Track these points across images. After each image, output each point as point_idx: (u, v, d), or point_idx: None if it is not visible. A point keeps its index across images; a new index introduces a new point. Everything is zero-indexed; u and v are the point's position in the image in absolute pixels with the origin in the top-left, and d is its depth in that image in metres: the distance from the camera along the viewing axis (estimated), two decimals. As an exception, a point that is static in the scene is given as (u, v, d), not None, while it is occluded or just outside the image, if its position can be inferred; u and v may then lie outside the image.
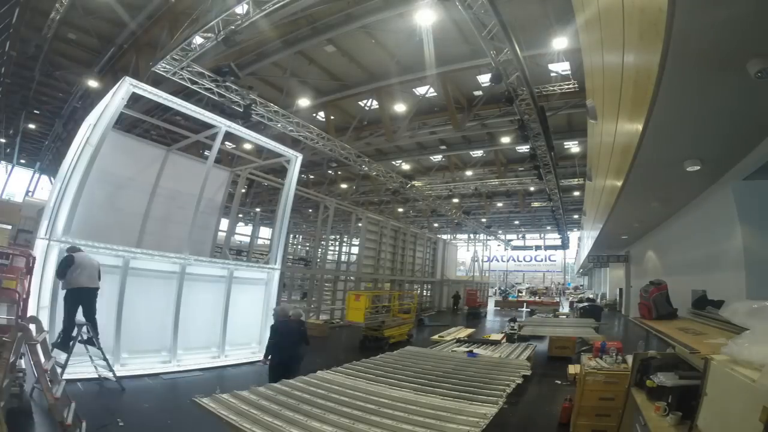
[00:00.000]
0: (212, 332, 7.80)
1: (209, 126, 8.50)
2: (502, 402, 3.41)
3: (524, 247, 46.21)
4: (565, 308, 19.79)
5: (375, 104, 14.80)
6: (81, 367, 5.77)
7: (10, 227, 15.81)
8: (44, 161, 24.93)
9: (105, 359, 5.68)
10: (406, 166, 22.20)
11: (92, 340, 5.57)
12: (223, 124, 8.27)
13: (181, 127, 11.88)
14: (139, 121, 13.61)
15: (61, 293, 5.62)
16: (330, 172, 23.69)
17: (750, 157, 4.60)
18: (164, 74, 10.09)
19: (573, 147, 17.65)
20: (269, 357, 5.04)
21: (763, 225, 4.98)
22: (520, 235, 44.78)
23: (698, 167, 4.96)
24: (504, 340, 9.22)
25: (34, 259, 6.15)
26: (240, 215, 24.40)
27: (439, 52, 10.84)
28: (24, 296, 5.71)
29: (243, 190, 15.47)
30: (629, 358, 4.15)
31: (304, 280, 18.11)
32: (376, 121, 15.98)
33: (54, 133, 20.12)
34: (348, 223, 18.71)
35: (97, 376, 5.87)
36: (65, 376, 4.94)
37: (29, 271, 6.13)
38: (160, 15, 10.89)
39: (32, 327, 4.05)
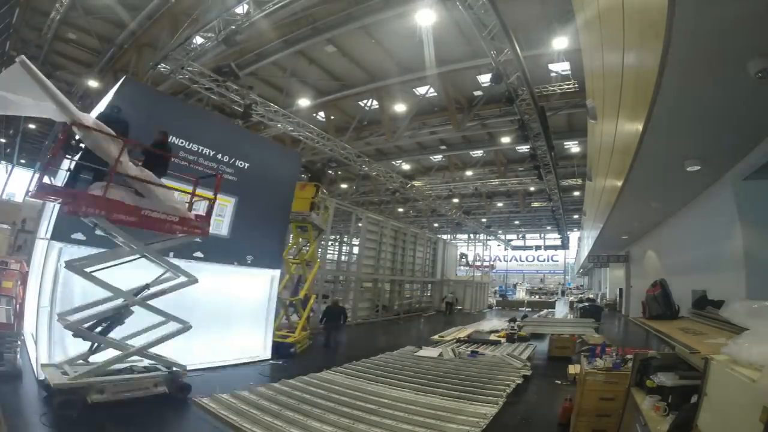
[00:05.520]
0: (212, 331, 7.79)
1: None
2: (502, 402, 3.41)
3: (524, 247, 46.11)
4: (563, 308, 19.63)
5: (375, 104, 14.80)
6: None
7: (9, 227, 15.78)
8: (44, 161, 24.90)
9: None
10: (406, 166, 22.21)
11: None
12: (223, 124, 8.26)
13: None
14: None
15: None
16: (330, 172, 23.67)
17: (750, 157, 4.61)
18: (164, 73, 10.10)
19: (573, 147, 17.65)
20: None
21: (763, 225, 4.98)
22: (520, 235, 44.73)
23: (698, 167, 4.97)
24: (504, 340, 9.23)
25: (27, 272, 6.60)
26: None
27: (439, 52, 10.85)
28: (19, 300, 5.97)
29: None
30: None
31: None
32: (376, 121, 15.98)
33: (54, 133, 20.11)
34: (348, 223, 18.67)
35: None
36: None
37: (24, 280, 6.43)
38: (160, 15, 10.89)
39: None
